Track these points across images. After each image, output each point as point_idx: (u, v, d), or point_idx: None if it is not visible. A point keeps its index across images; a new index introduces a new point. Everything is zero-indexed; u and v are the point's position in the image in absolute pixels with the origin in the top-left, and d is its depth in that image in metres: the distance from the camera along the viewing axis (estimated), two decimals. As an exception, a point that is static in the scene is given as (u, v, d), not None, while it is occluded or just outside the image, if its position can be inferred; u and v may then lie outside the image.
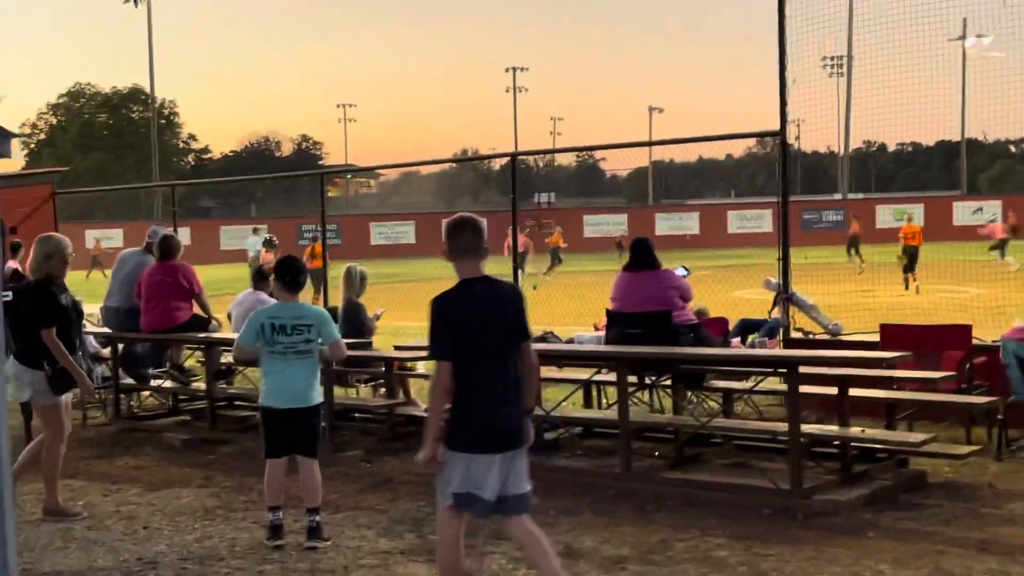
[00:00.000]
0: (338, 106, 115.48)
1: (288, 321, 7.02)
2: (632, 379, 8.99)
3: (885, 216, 57.13)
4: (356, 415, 11.14)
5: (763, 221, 60.63)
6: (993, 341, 10.07)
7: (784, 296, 11.32)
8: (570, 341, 11.20)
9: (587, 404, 10.49)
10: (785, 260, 11.32)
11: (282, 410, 7.06)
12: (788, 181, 11.30)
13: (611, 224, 64.36)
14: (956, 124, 66.96)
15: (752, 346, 10.95)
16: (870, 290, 26.22)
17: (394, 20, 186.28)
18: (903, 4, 10.41)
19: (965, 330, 9.51)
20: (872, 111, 11.47)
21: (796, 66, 10.37)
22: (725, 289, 19.32)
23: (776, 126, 11.12)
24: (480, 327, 5.14)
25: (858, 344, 10.68)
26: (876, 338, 10.33)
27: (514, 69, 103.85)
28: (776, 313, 11.41)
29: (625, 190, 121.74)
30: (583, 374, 10.06)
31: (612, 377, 9.08)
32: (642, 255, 9.05)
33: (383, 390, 11.19)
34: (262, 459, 7.30)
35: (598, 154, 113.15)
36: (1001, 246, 32.75)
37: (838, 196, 74.71)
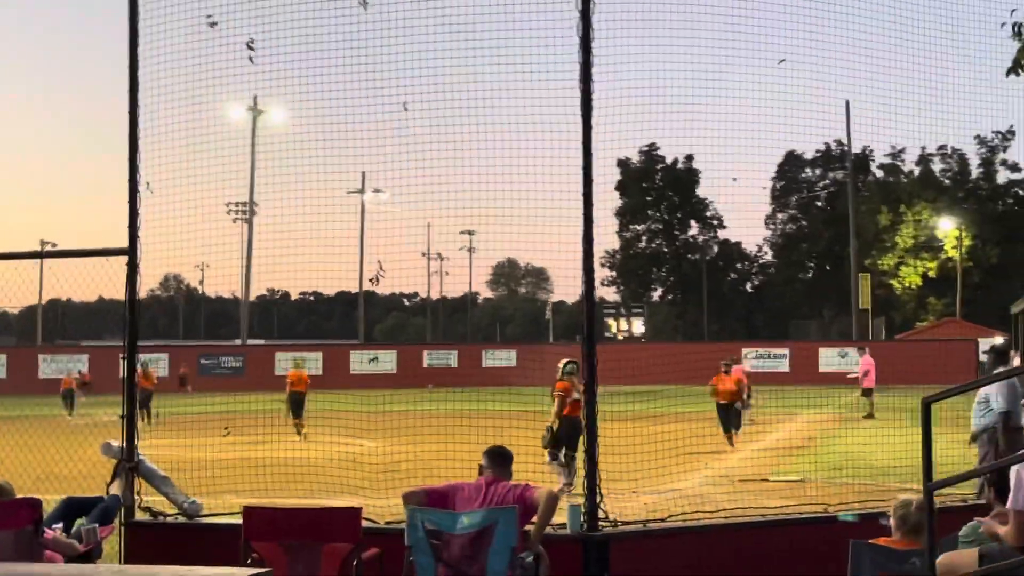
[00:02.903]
0: None
1: None
2: None
3: (284, 363, 56.14)
4: None
5: (159, 365, 57.26)
6: (387, 522, 8.04)
7: (128, 465, 8.57)
8: None
9: None
10: (131, 418, 8.62)
11: None
12: (136, 310, 8.71)
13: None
14: (355, 275, 68.80)
15: (77, 535, 7.99)
16: (264, 441, 24.10)
17: None
18: (305, 154, 10.01)
19: (352, 515, 7.16)
20: (275, 259, 10.59)
21: (203, 210, 9.45)
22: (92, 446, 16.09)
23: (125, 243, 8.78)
24: None
25: (221, 530, 8.17)
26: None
27: None
28: (116, 488, 8.59)
29: (16, 328, 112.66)
30: None
31: None
32: None
33: None
34: None
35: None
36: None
37: (238, 342, 73.00)
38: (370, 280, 9.58)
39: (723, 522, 8.49)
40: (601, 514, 7.89)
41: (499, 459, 7.46)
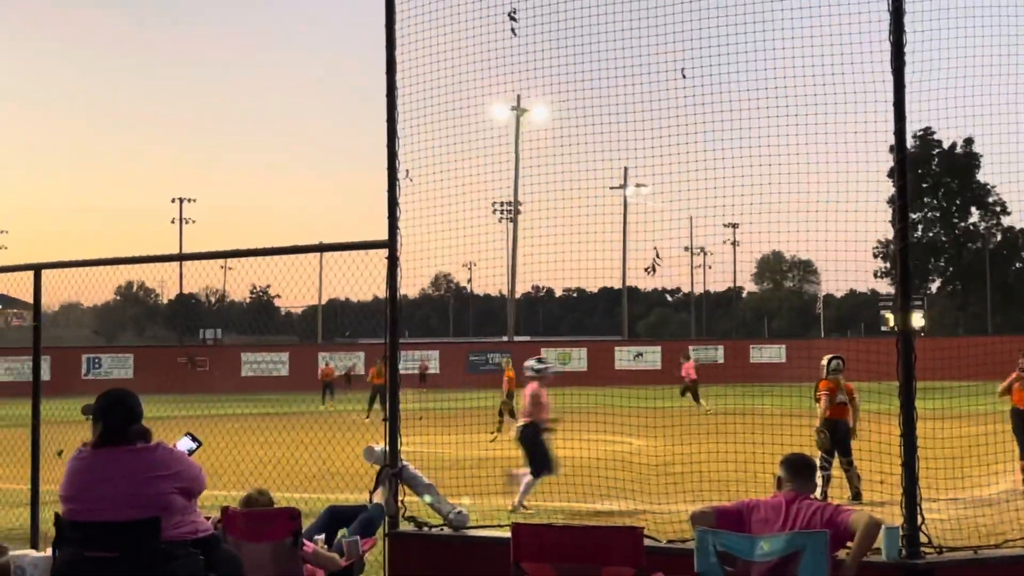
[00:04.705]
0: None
1: None
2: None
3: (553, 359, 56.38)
4: None
5: (434, 364, 58.72)
6: (669, 541, 7.17)
7: (391, 472, 8.05)
8: None
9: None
10: (393, 421, 8.09)
11: None
12: (397, 305, 8.18)
13: (270, 363, 61.58)
14: (618, 272, 68.39)
15: (339, 547, 7.51)
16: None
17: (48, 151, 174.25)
18: (567, 150, 9.75)
19: (633, 537, 6.22)
20: (539, 256, 10.57)
21: (469, 209, 9.34)
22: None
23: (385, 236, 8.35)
24: None
25: (488, 544, 7.51)
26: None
27: (180, 200, 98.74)
28: (379, 496, 8.08)
29: (299, 328, 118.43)
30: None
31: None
32: (115, 420, 5.42)
33: None
34: None
35: (272, 291, 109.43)
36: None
37: (505, 339, 73.84)
38: (646, 270, 8.78)
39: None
40: (923, 538, 6.73)
41: (802, 471, 6.43)
